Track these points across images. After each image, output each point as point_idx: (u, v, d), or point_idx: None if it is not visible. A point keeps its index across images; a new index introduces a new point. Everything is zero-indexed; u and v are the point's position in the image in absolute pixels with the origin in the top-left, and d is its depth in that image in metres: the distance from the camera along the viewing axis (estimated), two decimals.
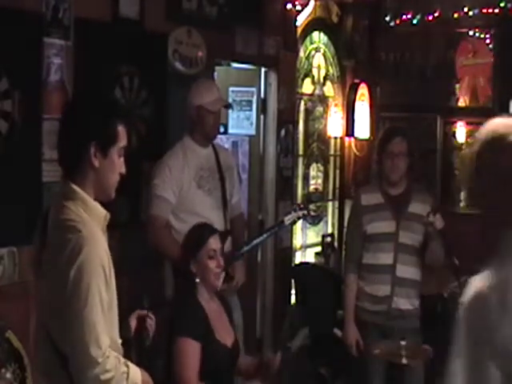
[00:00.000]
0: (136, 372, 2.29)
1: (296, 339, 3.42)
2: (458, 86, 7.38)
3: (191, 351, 3.10)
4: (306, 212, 4.25)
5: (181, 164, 3.93)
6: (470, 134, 7.38)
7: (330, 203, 7.04)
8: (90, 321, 2.12)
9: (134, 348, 2.56)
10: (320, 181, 6.87)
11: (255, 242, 4.13)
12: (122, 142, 2.28)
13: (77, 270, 2.12)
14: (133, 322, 2.60)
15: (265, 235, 4.17)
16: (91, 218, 2.22)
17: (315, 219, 6.71)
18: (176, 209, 3.91)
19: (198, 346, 3.11)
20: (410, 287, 3.98)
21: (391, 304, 3.93)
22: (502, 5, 6.35)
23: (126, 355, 2.38)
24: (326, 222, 6.95)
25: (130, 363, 2.28)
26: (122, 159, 2.30)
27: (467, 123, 7.36)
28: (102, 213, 2.28)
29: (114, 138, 2.26)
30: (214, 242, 3.28)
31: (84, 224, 2.18)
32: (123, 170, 2.31)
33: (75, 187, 2.23)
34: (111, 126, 2.25)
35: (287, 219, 4.17)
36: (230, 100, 5.50)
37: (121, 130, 2.28)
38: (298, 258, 6.41)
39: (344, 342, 4.08)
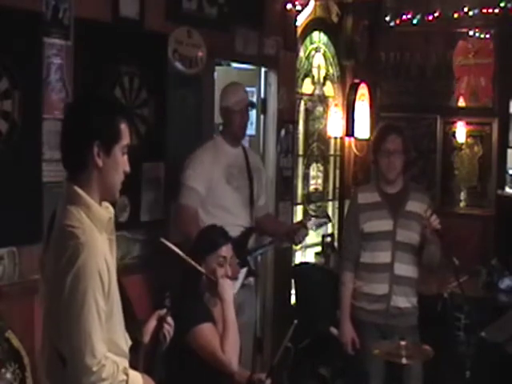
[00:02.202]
0: (137, 379, 2.28)
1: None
2: (456, 85, 7.40)
3: (210, 333, 3.12)
4: (327, 220, 4.54)
5: (211, 159, 4.08)
6: (469, 134, 7.39)
7: (330, 203, 7.04)
8: (85, 329, 2.11)
9: (147, 351, 2.55)
10: (320, 181, 6.86)
11: (271, 244, 4.25)
12: (125, 139, 2.27)
13: (73, 277, 2.11)
14: (152, 323, 2.60)
15: (281, 240, 4.29)
16: (94, 223, 2.20)
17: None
18: (205, 202, 4.03)
19: (212, 326, 3.14)
20: (408, 285, 3.98)
21: (390, 302, 3.94)
22: (502, 5, 6.35)
23: (135, 359, 2.38)
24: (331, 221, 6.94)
25: (130, 371, 2.26)
26: (125, 157, 2.28)
27: (467, 123, 7.37)
28: (105, 216, 2.26)
29: (117, 136, 2.24)
30: (225, 250, 3.30)
31: (84, 230, 2.16)
32: (127, 168, 2.29)
33: (79, 191, 2.21)
34: (113, 125, 2.24)
35: (310, 224, 4.29)
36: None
37: (123, 127, 2.26)
38: (298, 258, 6.41)
39: (340, 341, 4.08)
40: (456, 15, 6.71)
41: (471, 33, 7.18)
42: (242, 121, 4.20)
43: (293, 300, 5.94)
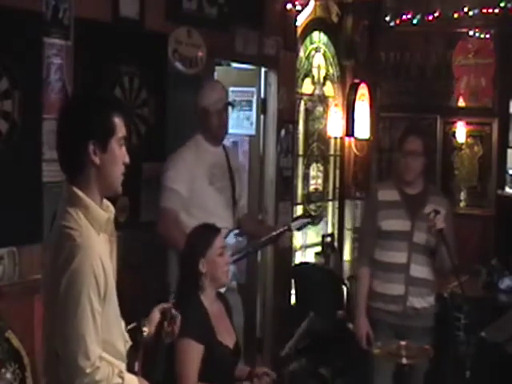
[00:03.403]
0: (132, 382, 2.27)
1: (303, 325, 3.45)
2: (456, 85, 7.40)
3: (193, 353, 3.11)
4: (310, 220, 4.39)
5: (194, 159, 3.98)
6: (469, 134, 7.39)
7: (330, 203, 7.04)
8: (79, 332, 2.11)
9: (150, 345, 2.54)
10: (320, 181, 6.87)
11: (255, 247, 4.18)
12: (120, 132, 2.24)
13: (68, 279, 2.11)
14: (156, 316, 2.59)
15: (266, 242, 4.19)
16: (92, 224, 2.19)
17: (315, 219, 6.71)
18: (188, 204, 3.94)
19: (200, 348, 3.12)
20: (424, 286, 3.97)
21: (406, 303, 3.93)
22: (502, 5, 6.35)
23: (134, 359, 2.37)
24: (326, 222, 6.94)
25: (126, 374, 2.25)
26: (123, 149, 2.26)
27: (467, 123, 7.37)
28: (103, 217, 2.25)
29: (111, 131, 2.22)
30: (220, 240, 3.32)
31: (81, 232, 2.15)
32: (127, 159, 2.27)
33: (78, 192, 2.20)
34: (106, 120, 2.21)
35: (294, 225, 4.24)
36: (230, 100, 5.52)
37: (117, 120, 2.23)
38: (298, 258, 6.41)
39: (355, 335, 4.06)
40: (456, 15, 6.72)
41: (471, 33, 7.18)
42: (221, 121, 4.05)
43: (293, 300, 5.94)
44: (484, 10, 6.57)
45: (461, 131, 7.40)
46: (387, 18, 7.11)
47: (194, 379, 3.11)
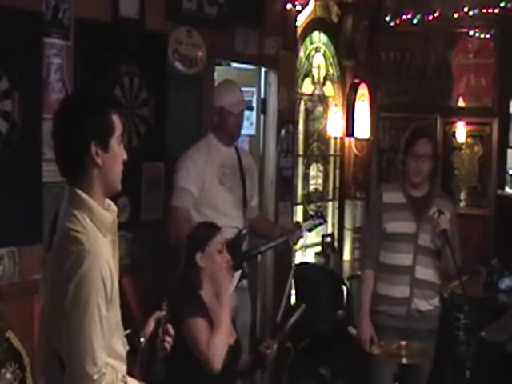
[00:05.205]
0: None
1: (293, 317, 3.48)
2: (455, 85, 7.40)
3: (203, 327, 3.14)
4: (322, 221, 4.38)
5: (204, 159, 4.01)
6: (469, 134, 7.39)
7: (330, 203, 7.04)
8: (86, 337, 2.09)
9: (145, 355, 2.53)
10: (320, 181, 6.87)
11: (268, 245, 4.18)
12: (119, 130, 2.23)
13: (76, 284, 2.08)
14: (150, 325, 2.56)
15: (279, 240, 4.18)
16: (97, 226, 2.17)
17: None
18: (198, 203, 3.97)
19: (204, 323, 3.16)
20: (429, 289, 3.96)
21: (410, 305, 3.91)
22: (502, 5, 6.36)
23: (132, 364, 2.37)
24: (326, 222, 6.94)
25: (128, 379, 2.25)
26: (121, 146, 2.26)
27: (467, 123, 7.37)
28: (109, 219, 2.23)
29: (111, 130, 2.21)
30: (220, 237, 3.34)
31: (88, 236, 2.13)
32: (125, 156, 2.27)
33: (82, 195, 2.18)
34: (106, 119, 2.20)
35: (305, 225, 4.25)
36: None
37: (115, 118, 2.22)
38: (298, 258, 6.41)
39: (358, 339, 4.04)
40: (456, 15, 6.72)
41: (471, 33, 7.18)
42: (237, 123, 4.10)
43: (293, 300, 5.93)
44: (484, 10, 6.57)
45: (461, 131, 7.40)
46: (387, 18, 7.11)
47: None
